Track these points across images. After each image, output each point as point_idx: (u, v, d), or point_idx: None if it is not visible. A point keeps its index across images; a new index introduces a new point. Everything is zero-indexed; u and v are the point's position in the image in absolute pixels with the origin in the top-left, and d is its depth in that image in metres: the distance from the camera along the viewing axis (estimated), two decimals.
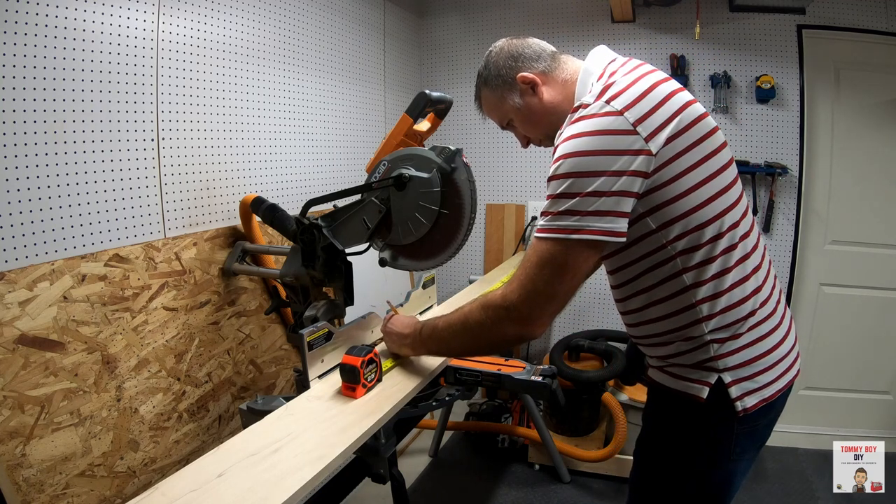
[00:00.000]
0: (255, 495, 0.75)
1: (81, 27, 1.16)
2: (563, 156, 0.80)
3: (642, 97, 0.79)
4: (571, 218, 0.79)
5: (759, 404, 0.88)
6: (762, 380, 0.88)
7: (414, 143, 1.18)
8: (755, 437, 0.94)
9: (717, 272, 0.85)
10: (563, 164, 0.80)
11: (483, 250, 2.79)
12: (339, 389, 1.10)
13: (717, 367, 0.87)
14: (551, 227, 0.81)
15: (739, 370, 0.87)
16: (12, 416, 1.04)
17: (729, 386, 0.87)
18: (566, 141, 0.81)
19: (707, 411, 0.88)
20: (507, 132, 1.12)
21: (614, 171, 0.77)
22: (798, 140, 2.29)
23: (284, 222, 1.48)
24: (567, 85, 0.96)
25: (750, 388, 0.87)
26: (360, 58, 2.21)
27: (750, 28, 2.29)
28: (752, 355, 0.87)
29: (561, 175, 0.80)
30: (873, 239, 2.35)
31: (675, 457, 0.96)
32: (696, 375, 0.89)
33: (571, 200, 0.79)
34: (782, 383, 0.91)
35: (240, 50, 1.60)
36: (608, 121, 0.78)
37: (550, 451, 2.20)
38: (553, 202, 0.81)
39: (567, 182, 0.79)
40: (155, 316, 1.35)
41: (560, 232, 0.80)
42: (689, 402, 0.90)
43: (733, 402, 0.86)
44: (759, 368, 0.88)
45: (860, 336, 2.42)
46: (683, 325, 0.88)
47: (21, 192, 1.07)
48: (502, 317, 0.87)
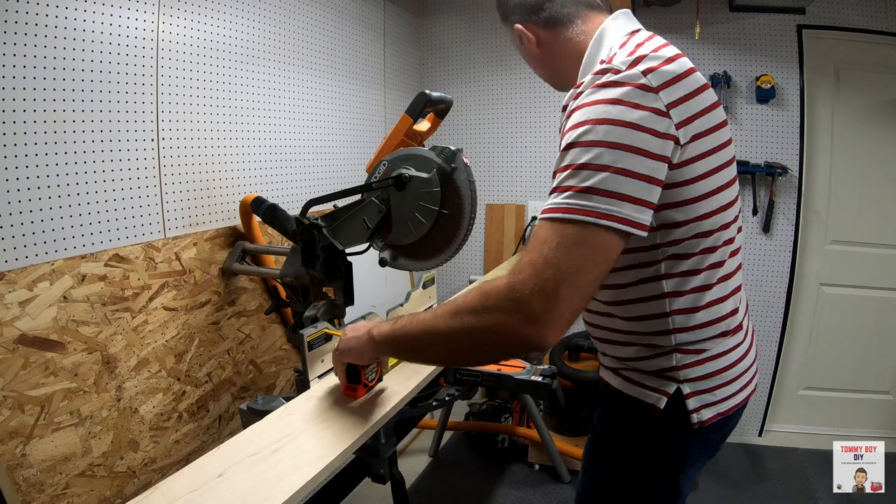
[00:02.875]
0: (255, 495, 0.75)
1: (81, 27, 1.16)
2: (593, 121, 0.66)
3: (678, 80, 0.69)
4: (601, 198, 0.65)
5: (714, 418, 0.83)
6: (721, 393, 0.83)
7: (414, 143, 1.18)
8: (708, 448, 0.90)
9: (698, 286, 0.79)
10: (594, 131, 0.66)
11: (483, 250, 2.79)
12: (336, 389, 1.10)
13: (677, 377, 0.82)
14: (577, 207, 0.65)
15: (700, 382, 0.82)
16: (12, 416, 1.04)
17: (687, 397, 0.82)
18: (595, 105, 0.67)
19: (662, 421, 0.83)
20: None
21: (649, 153, 0.66)
22: (798, 140, 2.29)
23: (284, 222, 1.48)
24: (575, 42, 0.86)
25: (708, 401, 0.83)
26: (360, 58, 2.21)
27: (750, 28, 2.29)
28: (714, 368, 0.83)
29: (588, 142, 0.66)
30: (873, 239, 2.35)
31: (626, 464, 0.91)
32: (654, 383, 0.84)
33: (601, 175, 0.65)
34: (740, 398, 0.87)
35: (240, 50, 1.60)
36: (641, 94, 0.67)
37: (550, 451, 2.20)
38: (574, 174, 0.66)
39: (596, 151, 0.66)
40: (155, 316, 1.35)
41: (589, 214, 0.65)
42: (643, 410, 0.85)
43: (690, 413, 0.82)
44: (720, 382, 0.83)
45: (860, 336, 2.42)
46: (650, 332, 0.83)
47: (21, 192, 1.07)
48: (509, 312, 0.66)
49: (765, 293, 2.43)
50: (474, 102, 2.71)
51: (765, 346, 2.47)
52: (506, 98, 2.66)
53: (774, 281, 2.41)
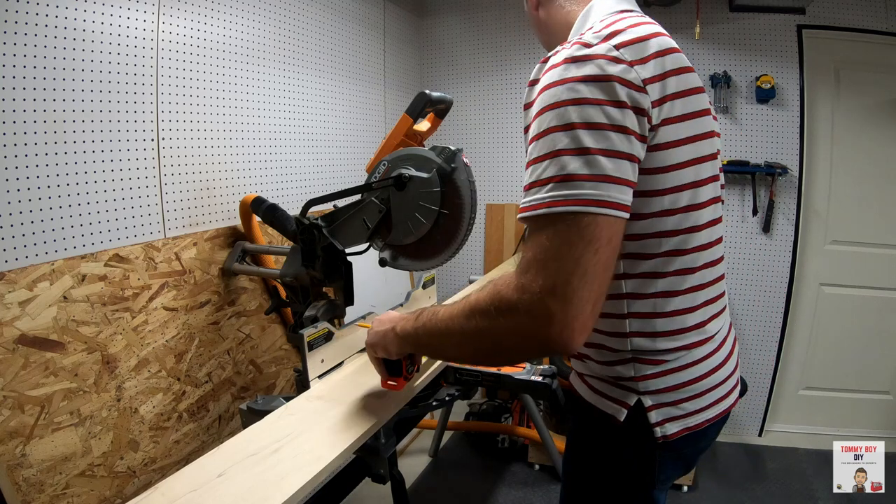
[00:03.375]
0: (255, 495, 0.75)
1: (81, 27, 1.16)
2: (564, 102, 0.62)
3: (655, 56, 0.65)
4: (585, 184, 0.60)
5: (681, 432, 0.76)
6: (688, 407, 0.77)
7: (414, 143, 1.18)
8: (681, 463, 0.84)
9: (661, 291, 0.73)
10: (565, 114, 0.62)
11: (483, 250, 2.79)
12: (335, 388, 1.10)
13: (636, 388, 0.76)
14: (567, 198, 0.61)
15: (662, 395, 0.76)
16: (12, 416, 1.04)
17: (649, 410, 0.76)
18: (564, 84, 0.62)
19: (624, 434, 0.78)
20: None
21: (627, 129, 0.62)
22: (798, 140, 2.29)
23: (284, 222, 1.48)
24: (565, 12, 0.84)
25: (673, 415, 0.76)
26: (360, 58, 2.21)
27: (750, 28, 2.29)
28: (677, 381, 0.76)
29: (562, 126, 0.62)
30: (873, 239, 2.35)
31: (596, 478, 0.86)
32: (614, 394, 0.79)
33: (582, 158, 0.60)
34: (713, 413, 0.79)
35: (240, 50, 1.60)
36: (613, 66, 0.62)
37: (550, 451, 2.20)
38: (553, 162, 0.62)
39: (572, 134, 0.61)
40: (155, 316, 1.35)
41: (578, 203, 0.60)
42: (605, 421, 0.80)
43: (652, 427, 0.76)
44: (686, 395, 0.76)
45: (860, 336, 2.42)
46: (608, 332, 0.77)
47: (21, 192, 1.07)
48: (523, 314, 0.62)
49: (765, 293, 2.43)
50: (474, 102, 2.71)
51: (765, 346, 2.47)
52: (506, 98, 2.66)
53: (774, 281, 2.41)
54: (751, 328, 2.47)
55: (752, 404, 2.51)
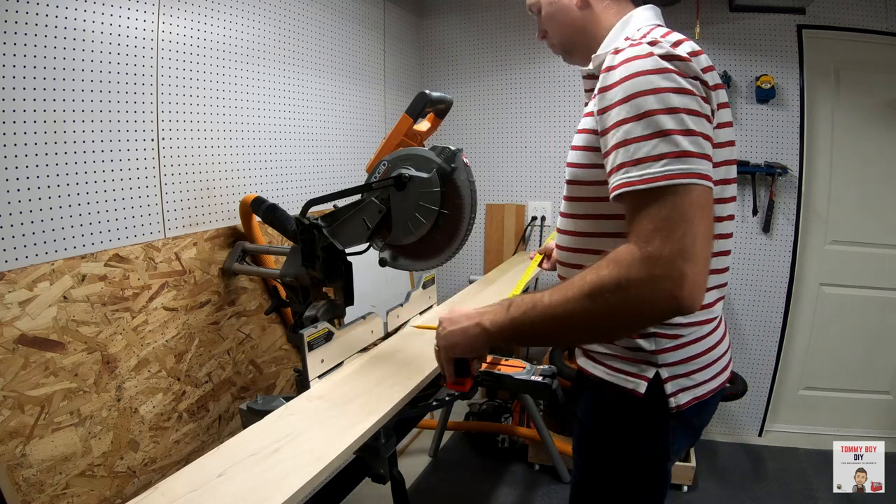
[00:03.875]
0: (255, 495, 0.75)
1: (81, 27, 1.16)
2: (663, 89, 0.69)
3: (707, 71, 0.75)
4: (693, 160, 0.68)
5: (691, 402, 0.85)
6: (697, 378, 0.86)
7: (414, 143, 1.18)
8: (689, 433, 0.92)
9: None
10: (667, 99, 0.69)
11: (483, 250, 2.79)
12: (335, 388, 1.10)
13: (655, 361, 0.84)
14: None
15: (676, 367, 0.84)
16: (12, 416, 1.04)
17: (665, 382, 0.84)
18: (657, 73, 0.70)
19: (642, 407, 0.85)
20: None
21: (708, 117, 0.72)
22: (798, 140, 2.29)
23: (284, 222, 1.48)
24: (605, 15, 0.90)
25: (685, 385, 0.85)
26: (360, 58, 2.21)
27: (750, 28, 2.29)
28: (689, 354, 0.85)
29: (667, 109, 0.69)
30: (873, 239, 2.35)
31: (614, 454, 0.92)
32: (633, 369, 0.86)
33: (689, 138, 0.68)
34: (715, 384, 0.89)
35: (240, 50, 1.60)
36: (694, 70, 0.72)
37: (550, 451, 2.20)
38: (663, 140, 0.68)
39: (676, 117, 0.69)
40: (155, 316, 1.35)
41: (690, 176, 0.67)
42: (624, 397, 0.86)
43: (668, 398, 0.84)
44: (695, 367, 0.86)
45: (860, 336, 2.42)
46: None
47: (21, 192, 1.07)
48: (657, 281, 0.65)
49: (765, 293, 2.43)
50: (474, 102, 2.71)
51: (765, 346, 2.47)
52: (506, 98, 2.66)
53: (774, 281, 2.41)
54: (751, 328, 2.46)
55: (752, 404, 2.50)
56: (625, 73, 0.71)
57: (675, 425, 0.87)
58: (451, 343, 0.87)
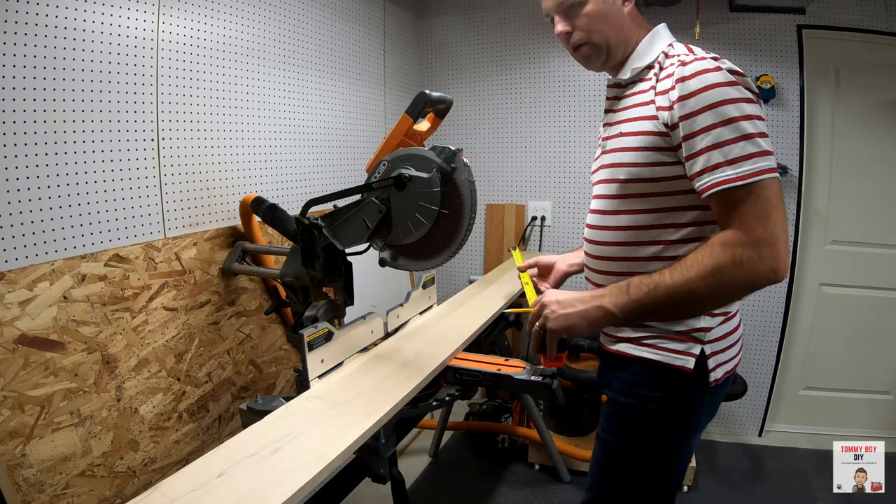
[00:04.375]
0: (256, 495, 0.75)
1: (81, 27, 1.16)
2: (738, 100, 0.83)
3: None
4: (772, 158, 0.83)
5: (724, 376, 0.96)
6: (729, 353, 0.97)
7: (414, 143, 1.18)
8: (712, 409, 1.01)
9: None
10: (742, 107, 0.83)
11: (483, 250, 2.79)
12: (335, 388, 1.10)
13: (702, 338, 0.93)
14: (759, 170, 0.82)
15: (717, 343, 0.95)
16: (12, 416, 1.04)
17: (709, 357, 0.93)
18: (728, 86, 0.83)
19: (689, 382, 0.94)
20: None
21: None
22: (798, 140, 2.29)
23: (284, 222, 1.48)
24: (634, 23, 0.99)
25: (721, 361, 0.95)
26: (360, 58, 2.21)
27: (750, 28, 2.29)
28: (727, 330, 0.97)
29: (747, 116, 0.83)
30: (873, 239, 2.35)
31: (649, 430, 0.99)
32: (682, 346, 0.94)
33: (766, 140, 0.82)
34: (735, 361, 1.00)
35: (240, 50, 1.60)
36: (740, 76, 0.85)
37: (550, 451, 2.20)
38: (751, 142, 0.82)
39: (754, 124, 0.83)
40: (155, 316, 1.35)
41: (773, 171, 0.83)
42: (671, 374, 0.94)
43: (709, 372, 0.94)
44: (729, 343, 0.97)
45: (860, 336, 2.42)
46: None
47: (21, 192, 1.07)
48: (763, 259, 0.81)
49: (765, 293, 2.43)
50: (474, 102, 2.71)
51: (765, 346, 2.47)
52: (506, 98, 2.66)
53: None
54: (751, 328, 2.46)
55: (752, 404, 2.50)
56: (702, 83, 0.83)
57: (707, 399, 0.96)
58: (569, 325, 0.92)
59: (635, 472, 1.02)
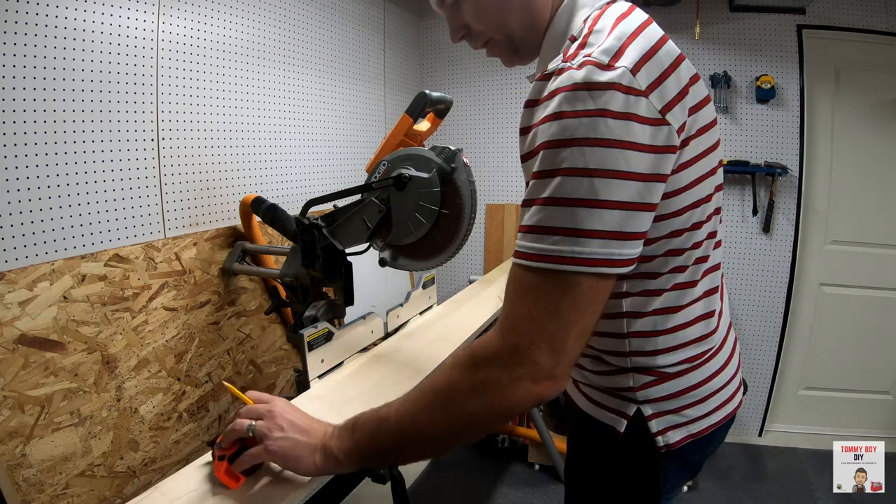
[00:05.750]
0: (256, 495, 0.75)
1: (81, 27, 1.16)
2: (577, 141, 0.55)
3: (669, 73, 0.59)
4: (590, 241, 0.56)
5: (685, 440, 0.73)
6: (690, 414, 0.73)
7: (414, 143, 1.18)
8: (686, 470, 0.80)
9: (661, 307, 0.69)
10: (578, 156, 0.55)
11: (483, 250, 2.79)
12: (334, 388, 1.10)
13: (636, 398, 0.73)
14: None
15: (663, 403, 0.72)
16: (12, 416, 1.04)
17: (649, 419, 0.72)
18: (575, 118, 0.55)
19: (626, 445, 0.75)
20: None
21: (643, 175, 0.56)
22: (798, 140, 2.29)
23: (284, 222, 1.48)
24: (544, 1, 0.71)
25: (676, 423, 0.73)
26: (360, 58, 2.21)
27: (750, 28, 2.29)
28: (678, 388, 0.72)
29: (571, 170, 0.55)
30: (873, 239, 2.35)
31: (600, 492, 0.81)
32: (612, 404, 0.76)
33: (589, 211, 0.55)
34: (717, 417, 0.75)
35: (240, 50, 1.60)
36: (631, 100, 0.55)
37: (550, 451, 2.20)
38: (555, 211, 0.57)
39: (583, 182, 0.55)
40: (155, 316, 1.34)
41: (580, 263, 0.57)
42: (606, 432, 0.76)
43: (654, 436, 0.73)
44: (688, 402, 0.73)
45: (860, 336, 2.42)
46: (606, 350, 0.74)
47: (21, 192, 1.07)
48: (520, 379, 0.59)
49: (765, 293, 2.43)
50: (474, 102, 2.71)
51: (765, 346, 2.47)
52: (506, 98, 2.66)
53: (774, 281, 2.41)
54: (751, 328, 2.47)
55: (752, 404, 2.51)
56: (550, 111, 0.57)
57: (668, 465, 0.75)
58: (293, 456, 0.71)
59: None
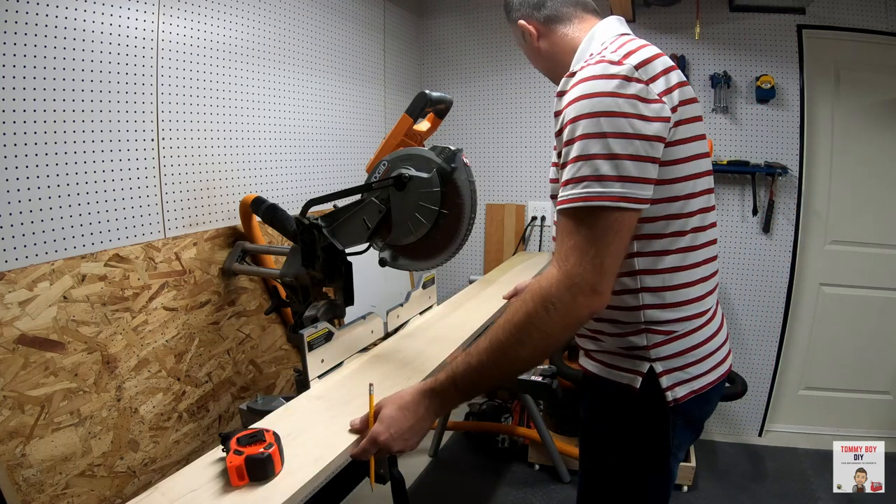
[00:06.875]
0: (256, 495, 0.75)
1: (81, 27, 1.16)
2: (596, 114, 0.74)
3: (664, 74, 0.78)
4: (615, 183, 0.74)
5: (689, 395, 0.87)
6: (693, 371, 0.87)
7: (414, 143, 1.18)
8: (690, 429, 0.93)
9: (668, 267, 0.83)
10: (597, 123, 0.74)
11: (483, 250, 2.79)
12: (335, 388, 1.10)
13: (648, 356, 0.86)
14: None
15: (670, 360, 0.86)
16: (12, 416, 1.04)
17: (660, 375, 0.85)
18: (594, 98, 0.75)
19: (639, 402, 0.87)
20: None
21: (649, 136, 0.75)
22: (798, 140, 2.29)
23: (284, 222, 1.48)
24: (570, 38, 0.94)
25: (681, 379, 0.86)
26: (360, 58, 2.21)
27: (750, 28, 2.29)
28: (683, 347, 0.86)
29: (594, 134, 0.74)
30: (873, 239, 2.35)
31: (616, 452, 0.93)
32: (627, 364, 0.88)
33: (612, 162, 0.73)
34: (713, 376, 0.90)
35: (240, 50, 1.60)
36: (635, 85, 0.75)
37: (550, 451, 2.20)
38: (586, 164, 0.74)
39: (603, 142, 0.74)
40: (155, 316, 1.35)
41: (609, 199, 0.74)
42: (621, 393, 0.88)
43: (664, 391, 0.85)
44: (690, 360, 0.87)
45: (860, 336, 2.42)
46: (621, 307, 0.86)
47: (21, 192, 1.07)
48: (576, 295, 0.74)
49: (765, 293, 2.43)
50: (474, 102, 2.71)
51: (765, 346, 2.47)
52: (506, 98, 2.66)
53: (774, 281, 2.41)
54: (751, 328, 2.46)
55: (752, 404, 2.50)
56: (573, 95, 0.77)
57: (675, 420, 0.87)
58: (412, 443, 0.86)
59: (609, 499, 0.96)
